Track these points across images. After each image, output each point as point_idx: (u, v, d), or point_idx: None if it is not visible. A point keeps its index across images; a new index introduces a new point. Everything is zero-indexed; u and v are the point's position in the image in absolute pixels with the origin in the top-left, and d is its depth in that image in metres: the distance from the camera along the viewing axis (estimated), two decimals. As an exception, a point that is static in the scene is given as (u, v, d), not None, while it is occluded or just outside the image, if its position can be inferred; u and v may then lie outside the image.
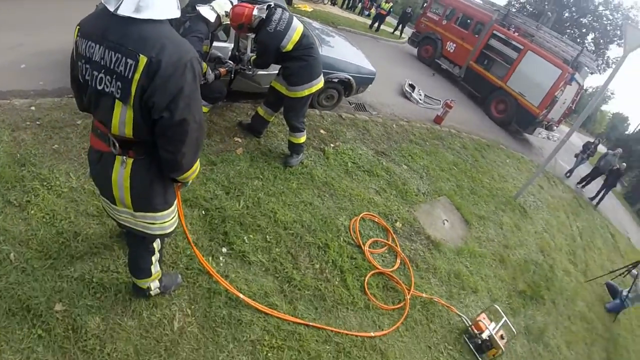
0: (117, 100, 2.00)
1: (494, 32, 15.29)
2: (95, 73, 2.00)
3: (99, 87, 2.01)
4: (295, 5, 18.72)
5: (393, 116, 9.03)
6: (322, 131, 6.73)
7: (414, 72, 14.67)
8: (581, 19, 42.20)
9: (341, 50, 7.85)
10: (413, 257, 5.07)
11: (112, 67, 1.94)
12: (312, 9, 19.27)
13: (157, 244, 2.75)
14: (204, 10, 5.00)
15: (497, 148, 10.83)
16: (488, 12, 16.24)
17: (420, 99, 11.06)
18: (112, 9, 1.86)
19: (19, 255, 3.21)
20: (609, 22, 40.89)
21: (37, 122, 4.98)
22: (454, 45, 16.54)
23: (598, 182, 15.15)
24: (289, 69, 5.08)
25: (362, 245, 4.72)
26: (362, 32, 19.11)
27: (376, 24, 20.97)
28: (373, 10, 25.28)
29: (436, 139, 8.79)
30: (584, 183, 15.07)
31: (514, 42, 14.75)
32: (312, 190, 5.23)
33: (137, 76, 1.89)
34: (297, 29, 4.95)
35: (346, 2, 27.39)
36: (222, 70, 5.32)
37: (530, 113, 13.41)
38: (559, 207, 10.47)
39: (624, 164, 15.03)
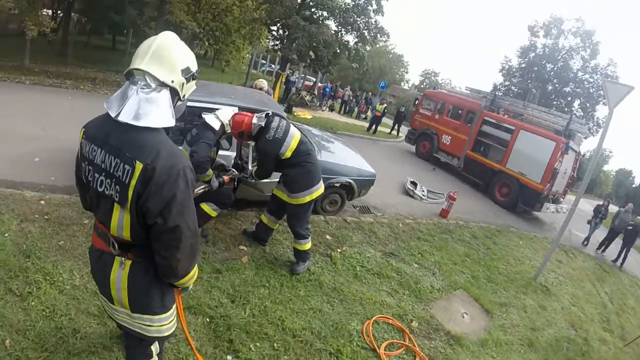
0: (115, 203, 2.10)
1: (485, 118, 15.96)
2: (97, 175, 2.13)
3: (100, 189, 2.13)
4: (295, 114, 19.63)
5: (398, 215, 9.17)
6: (327, 237, 6.85)
7: (414, 169, 15.10)
8: (564, 89, 43.80)
9: (341, 155, 8.22)
10: (433, 355, 4.94)
11: (111, 171, 2.06)
12: (311, 116, 20.24)
13: (155, 348, 2.70)
14: (209, 118, 5.30)
15: (507, 232, 10.84)
16: (476, 100, 17.04)
17: (424, 195, 11.28)
18: (113, 115, 2.02)
19: (14, 343, 3.23)
20: (590, 84, 42.38)
21: (46, 217, 5.19)
22: (449, 137, 17.17)
23: (617, 243, 14.87)
24: (289, 176, 5.27)
25: (376, 349, 4.60)
26: (360, 135, 19.98)
27: (373, 127, 21.83)
28: (369, 113, 26.39)
29: (444, 232, 8.85)
30: (603, 247, 14.89)
31: (505, 125, 15.33)
32: (321, 297, 5.21)
33: (133, 182, 1.99)
34: (294, 136, 5.17)
35: (343, 107, 28.73)
36: (225, 178, 5.51)
37: (535, 190, 13.50)
38: (582, 277, 10.28)
39: (639, 217, 14.85)
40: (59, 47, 22.80)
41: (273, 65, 24.12)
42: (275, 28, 20.21)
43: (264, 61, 43.09)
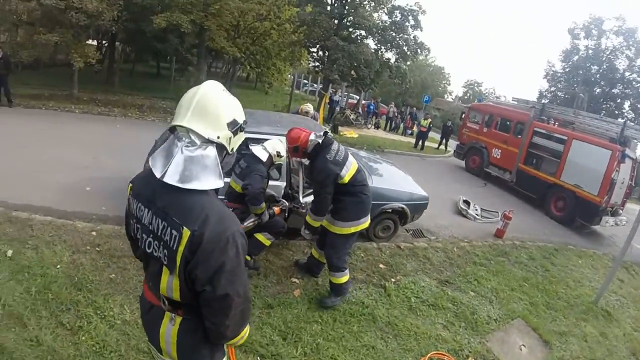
0: (164, 266, 2.03)
1: (535, 129, 15.39)
2: (145, 236, 2.06)
3: (148, 250, 2.07)
4: (341, 133, 19.76)
5: (452, 238, 9.05)
6: (381, 266, 6.82)
7: (465, 186, 14.86)
8: (612, 90, 42.09)
9: (391, 179, 8.23)
10: (490, 393, 4.81)
11: (159, 234, 1.98)
12: (357, 135, 20.37)
13: None
14: (257, 150, 5.37)
15: (566, 250, 10.39)
16: (524, 111, 16.53)
17: (478, 215, 11.07)
18: (158, 175, 1.92)
19: (64, 379, 3.24)
20: (639, 84, 40.70)
21: (97, 248, 5.43)
22: (499, 150, 16.72)
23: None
24: (343, 202, 5.07)
25: (431, 389, 4.47)
26: (408, 152, 19.94)
27: (420, 143, 21.64)
28: (415, 129, 26.16)
29: (501, 255, 8.63)
30: (665, 262, 13.85)
31: (556, 135, 14.72)
32: (375, 332, 5.12)
33: (181, 248, 1.89)
34: (353, 163, 5.09)
35: (389, 124, 28.62)
36: (276, 209, 5.60)
37: (592, 203, 12.84)
38: (644, 298, 9.73)
39: None
40: (106, 76, 24.07)
41: (315, 85, 24.14)
42: (315, 50, 20.21)
43: (306, 81, 43.40)
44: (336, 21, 18.44)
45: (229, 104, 2.10)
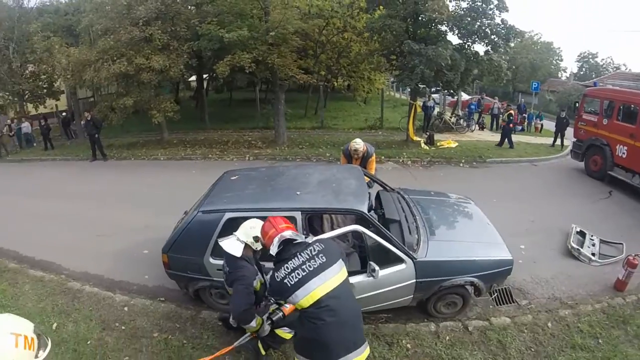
0: None
1: (671, 117, 11.36)
2: None
3: None
4: (438, 144, 18.45)
5: (552, 301, 6.76)
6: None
7: (583, 199, 11.90)
8: None
9: (459, 240, 6.21)
10: None
11: None
12: (456, 144, 18.79)
13: None
14: (227, 244, 4.38)
15: None
16: (654, 93, 12.45)
17: (594, 254, 8.14)
18: None
19: None
20: None
21: (123, 327, 5.87)
22: (625, 147, 12.92)
23: None
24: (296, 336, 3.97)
25: None
26: (515, 158, 17.13)
27: (506, 141, 18.68)
28: (526, 124, 23.38)
29: (616, 325, 6.08)
30: None
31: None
32: None
33: None
34: (311, 291, 3.46)
35: (494, 122, 25.15)
36: (286, 309, 4.00)
37: None
38: None
39: None
40: (200, 112, 26.95)
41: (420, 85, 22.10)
42: (394, 57, 18.03)
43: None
44: (410, 20, 16.27)
45: None
